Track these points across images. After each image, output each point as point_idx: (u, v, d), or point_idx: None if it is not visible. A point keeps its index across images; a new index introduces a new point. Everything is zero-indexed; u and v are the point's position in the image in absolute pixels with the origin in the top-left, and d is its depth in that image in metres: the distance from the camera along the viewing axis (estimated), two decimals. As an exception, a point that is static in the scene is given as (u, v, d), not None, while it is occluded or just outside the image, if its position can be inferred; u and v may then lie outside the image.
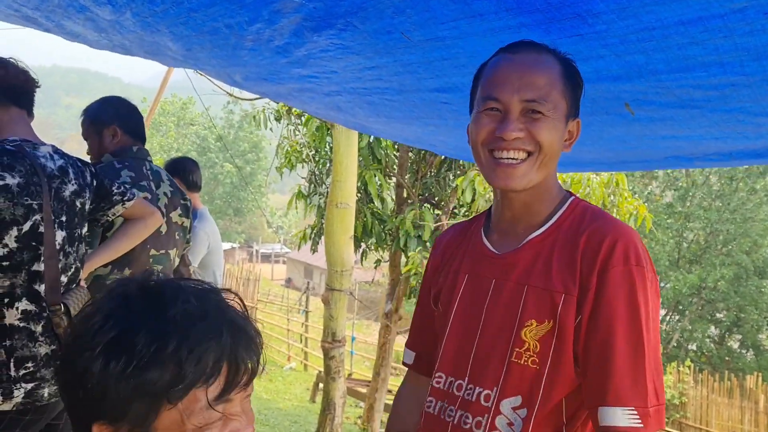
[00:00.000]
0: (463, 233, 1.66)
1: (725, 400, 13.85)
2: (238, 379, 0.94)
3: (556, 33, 1.49)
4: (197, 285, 0.98)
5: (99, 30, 2.13)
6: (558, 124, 1.39)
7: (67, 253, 2.23)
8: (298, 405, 10.24)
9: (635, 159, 2.85)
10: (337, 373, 6.07)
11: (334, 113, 3.02)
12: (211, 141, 44.58)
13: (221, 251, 4.42)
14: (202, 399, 0.89)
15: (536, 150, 1.38)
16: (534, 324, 1.38)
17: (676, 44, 1.40)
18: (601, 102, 1.92)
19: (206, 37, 2.01)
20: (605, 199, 8.02)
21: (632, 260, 1.32)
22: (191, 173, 4.11)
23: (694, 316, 23.23)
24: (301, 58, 2.04)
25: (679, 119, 1.96)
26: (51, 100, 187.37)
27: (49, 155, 2.25)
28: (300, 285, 27.36)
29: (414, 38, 1.69)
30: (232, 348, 0.92)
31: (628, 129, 2.23)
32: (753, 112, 1.76)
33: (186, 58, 2.40)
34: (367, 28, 1.69)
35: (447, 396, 1.49)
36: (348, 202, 5.88)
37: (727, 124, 1.93)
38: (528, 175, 1.39)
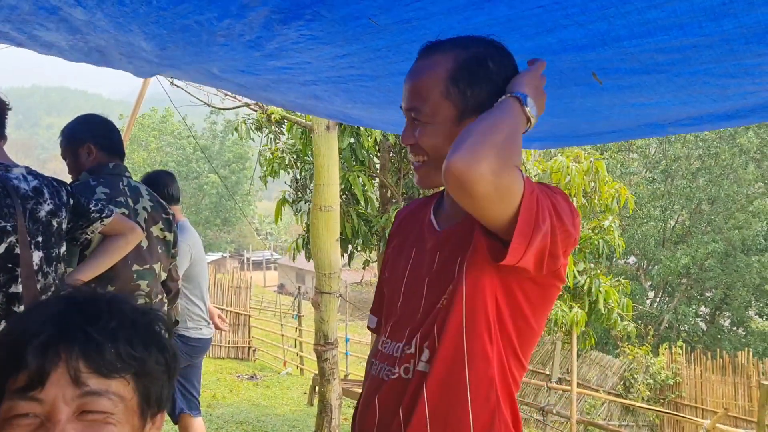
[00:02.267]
0: (420, 208, 1.71)
1: (718, 377, 14.00)
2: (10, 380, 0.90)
3: (518, 6, 1.49)
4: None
5: (73, 31, 2.10)
6: (440, 127, 1.42)
7: (46, 273, 2.23)
8: (296, 409, 10.24)
9: (610, 129, 2.85)
10: (331, 375, 6.09)
11: (313, 102, 3.01)
12: (193, 152, 44.39)
13: (205, 262, 4.42)
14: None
15: (425, 156, 1.46)
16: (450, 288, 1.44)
17: (636, 9, 1.41)
18: (569, 73, 1.93)
19: (178, 35, 2.00)
20: (586, 185, 8.10)
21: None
22: (166, 186, 4.08)
23: (683, 296, 23.38)
24: (273, 50, 2.03)
25: (646, 85, 1.97)
26: (32, 121, 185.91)
27: (23, 176, 2.25)
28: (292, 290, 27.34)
29: (381, 22, 1.70)
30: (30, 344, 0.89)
31: (598, 99, 2.24)
32: (715, 73, 1.78)
33: (161, 59, 2.41)
34: (335, 16, 1.70)
35: (388, 358, 1.54)
36: (332, 205, 5.90)
37: (693, 87, 1.93)
38: (428, 177, 1.47)
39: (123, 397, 0.92)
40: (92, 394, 0.89)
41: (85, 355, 0.89)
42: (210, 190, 44.89)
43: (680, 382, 14.59)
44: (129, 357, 0.92)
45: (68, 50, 2.34)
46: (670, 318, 22.93)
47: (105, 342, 0.90)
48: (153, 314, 1.03)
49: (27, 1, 1.77)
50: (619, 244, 8.83)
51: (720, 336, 23.02)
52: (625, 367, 15.04)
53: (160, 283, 3.09)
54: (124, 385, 0.92)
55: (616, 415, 14.40)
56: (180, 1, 1.72)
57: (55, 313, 0.93)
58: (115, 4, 1.77)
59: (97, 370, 0.89)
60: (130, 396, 0.94)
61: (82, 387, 0.88)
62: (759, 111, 2.26)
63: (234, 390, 11.14)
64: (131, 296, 2.82)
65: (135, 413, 0.95)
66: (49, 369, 0.87)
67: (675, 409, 13.98)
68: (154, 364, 0.97)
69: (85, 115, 3.08)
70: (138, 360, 0.94)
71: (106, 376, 0.90)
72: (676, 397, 14.52)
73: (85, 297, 0.99)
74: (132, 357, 0.93)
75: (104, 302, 0.97)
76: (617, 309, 8.56)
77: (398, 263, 1.64)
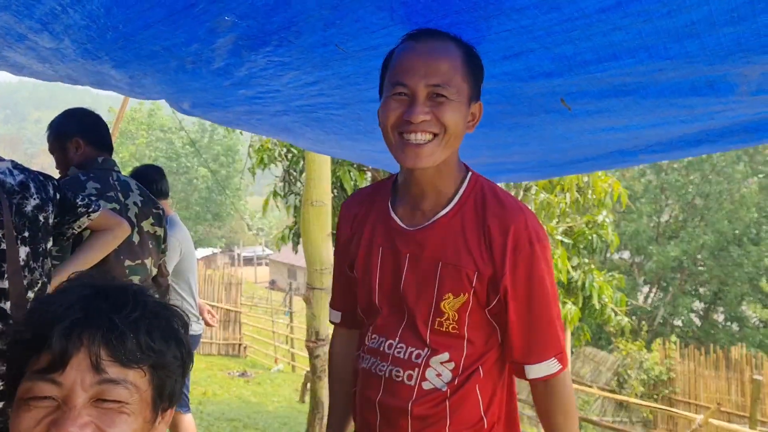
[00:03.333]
0: (368, 202, 1.80)
1: (712, 372, 14.04)
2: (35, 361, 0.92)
3: (485, 30, 1.52)
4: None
5: (42, 60, 2.09)
6: (461, 106, 1.51)
7: (32, 269, 2.18)
8: (288, 406, 10.20)
9: (582, 157, 2.86)
10: (323, 371, 6.04)
11: (284, 135, 3.01)
12: (182, 146, 44.20)
13: (194, 257, 4.36)
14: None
15: (441, 131, 1.50)
16: (451, 297, 1.58)
17: (600, 32, 1.43)
18: (538, 100, 1.96)
19: (146, 62, 1.99)
20: (579, 180, 8.07)
21: (534, 240, 1.54)
22: (155, 182, 4.04)
23: (677, 291, 23.48)
24: (242, 78, 2.04)
25: (614, 109, 2.01)
26: (19, 116, 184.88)
27: (9, 171, 2.19)
28: (284, 286, 27.30)
29: (349, 49, 1.71)
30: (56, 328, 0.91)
31: (568, 125, 2.26)
32: (682, 92, 1.79)
33: (132, 86, 2.37)
34: (302, 43, 1.71)
35: (379, 353, 1.68)
36: (323, 199, 5.84)
37: (660, 108, 1.97)
38: (434, 155, 1.51)
39: (139, 388, 0.94)
40: (110, 382, 0.91)
41: (107, 342, 0.91)
42: (200, 184, 44.76)
43: (674, 377, 14.64)
44: (149, 348, 0.95)
45: (41, 72, 2.29)
46: (664, 313, 23.03)
47: (127, 331, 0.93)
48: (173, 310, 1.05)
49: None
50: (613, 239, 8.81)
51: (713, 331, 23.15)
52: (618, 363, 15.08)
53: (151, 279, 3.05)
54: (141, 375, 0.95)
55: (609, 411, 14.42)
56: (147, 27, 1.72)
57: (82, 297, 0.95)
58: (82, 30, 1.78)
59: (117, 358, 0.92)
60: (146, 387, 0.95)
61: (102, 374, 0.90)
62: (726, 136, 2.34)
63: (225, 387, 11.08)
64: None
65: (148, 405, 0.96)
66: (71, 352, 0.89)
67: (668, 405, 13.99)
68: (171, 358, 0.99)
69: (73, 108, 3.03)
70: (157, 352, 0.96)
71: (125, 365, 0.93)
72: (669, 393, 14.56)
73: (112, 285, 1.01)
74: (151, 349, 0.95)
75: (130, 292, 0.99)
76: (611, 304, 8.54)
77: (369, 263, 1.72)
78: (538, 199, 8.13)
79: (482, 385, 1.62)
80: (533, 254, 1.54)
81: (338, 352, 1.98)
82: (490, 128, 2.36)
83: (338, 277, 1.93)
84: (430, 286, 1.60)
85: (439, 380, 1.60)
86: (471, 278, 1.56)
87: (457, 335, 1.60)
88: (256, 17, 1.59)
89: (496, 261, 1.55)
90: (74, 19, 1.68)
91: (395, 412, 1.64)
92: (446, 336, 1.60)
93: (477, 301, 1.57)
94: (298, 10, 1.53)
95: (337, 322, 1.97)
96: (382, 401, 1.66)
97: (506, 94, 1.94)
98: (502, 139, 2.57)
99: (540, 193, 8.17)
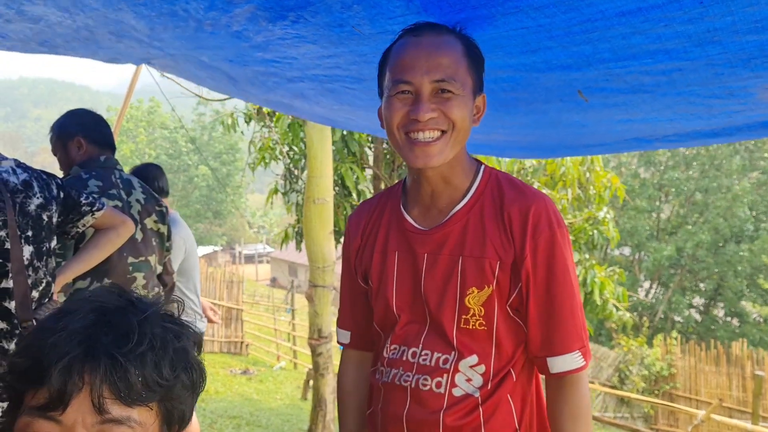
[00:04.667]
0: (378, 210, 1.74)
1: (713, 368, 14.04)
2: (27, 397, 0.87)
3: (502, 27, 1.50)
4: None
5: (61, 9, 2.07)
6: (467, 100, 1.46)
7: (36, 268, 2.18)
8: (290, 404, 10.20)
9: (596, 142, 2.85)
10: (325, 369, 6.05)
11: (299, 102, 2.99)
12: (182, 144, 44.16)
13: (197, 255, 4.36)
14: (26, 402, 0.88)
15: (450, 128, 1.45)
16: (475, 291, 1.51)
17: (620, 34, 1.41)
18: (555, 90, 1.94)
19: (166, 18, 1.98)
20: (581, 176, 8.06)
21: (554, 224, 1.49)
22: (156, 179, 4.03)
23: (677, 287, 23.47)
24: (260, 43, 2.02)
25: (632, 104, 1.98)
26: (19, 113, 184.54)
27: (12, 170, 2.19)
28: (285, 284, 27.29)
29: (365, 32, 1.69)
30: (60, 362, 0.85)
31: (584, 115, 2.25)
32: (702, 94, 1.78)
33: (151, 40, 2.36)
34: (318, 21, 1.68)
35: (402, 364, 1.60)
36: (325, 197, 5.84)
37: (679, 106, 1.95)
38: (444, 152, 1.47)
39: (144, 424, 0.89)
40: (113, 422, 0.86)
41: (109, 381, 0.86)
42: (200, 182, 44.71)
43: (675, 373, 14.64)
44: (155, 384, 0.89)
45: (57, 24, 2.27)
46: (665, 309, 23.02)
47: (131, 368, 0.87)
48: (184, 331, 0.98)
49: None
50: (614, 235, 8.80)
51: (714, 327, 23.14)
52: (620, 359, 15.08)
53: (156, 276, 3.06)
54: (147, 410, 0.90)
55: (611, 406, 14.43)
56: None
57: (83, 328, 0.88)
58: None
59: (120, 398, 0.86)
60: (152, 421, 0.91)
61: (104, 414, 0.86)
62: (745, 130, 2.33)
63: (227, 385, 11.09)
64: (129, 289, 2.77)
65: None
66: (71, 392, 0.84)
67: (670, 400, 14.00)
68: (180, 388, 0.93)
69: (75, 109, 3.06)
70: (164, 386, 0.90)
71: (129, 405, 0.87)
72: (670, 389, 14.57)
73: (116, 308, 0.93)
74: (158, 384, 0.89)
75: (136, 318, 0.92)
76: (612, 299, 8.54)
77: (385, 269, 1.66)
78: (539, 196, 8.13)
79: (514, 390, 1.55)
80: (553, 237, 1.48)
81: (349, 379, 1.85)
82: (506, 113, 2.34)
83: (348, 293, 1.83)
84: (452, 283, 1.53)
85: (470, 386, 1.52)
86: (494, 268, 1.50)
87: (484, 333, 1.52)
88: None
89: (516, 245, 1.49)
90: None
91: (426, 425, 1.54)
92: (473, 335, 1.52)
93: (500, 293, 1.50)
94: None
95: (347, 343, 1.85)
96: (411, 414, 1.56)
97: (523, 84, 1.91)
98: (517, 122, 2.55)
99: (542, 189, 8.16)
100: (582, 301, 1.56)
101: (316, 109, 3.16)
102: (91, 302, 0.94)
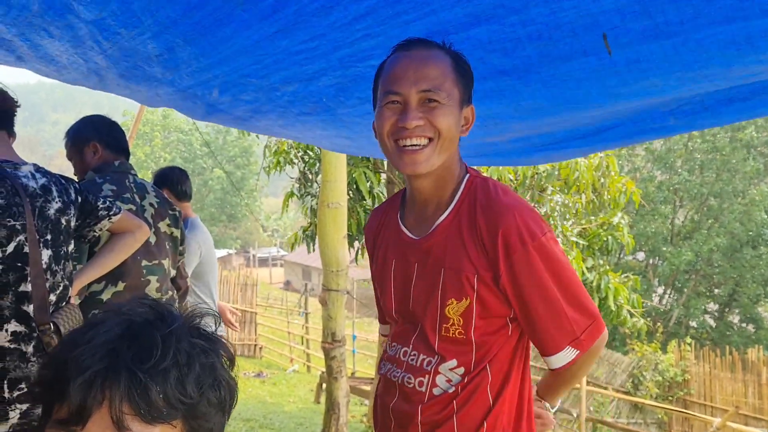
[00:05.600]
0: (383, 217, 1.87)
1: (728, 374, 13.92)
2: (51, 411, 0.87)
3: None
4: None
5: (76, 44, 2.08)
6: (453, 110, 1.55)
7: (54, 272, 2.21)
8: (303, 407, 10.23)
9: (612, 123, 2.78)
10: (339, 372, 6.07)
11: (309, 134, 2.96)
12: (197, 147, 44.39)
13: (215, 260, 4.38)
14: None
15: (436, 136, 1.54)
16: (454, 302, 1.60)
17: None
18: (581, 35, 1.85)
19: (196, 13, 1.96)
20: (595, 182, 8.03)
21: (526, 237, 1.52)
22: (180, 183, 4.07)
23: (691, 292, 23.29)
24: (290, 19, 1.98)
25: (654, 59, 1.91)
26: (37, 117, 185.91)
27: (31, 174, 2.23)
28: (299, 287, 27.32)
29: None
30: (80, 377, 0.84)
31: (604, 82, 2.16)
32: (722, 40, 1.70)
33: (165, 69, 2.36)
34: None
35: (395, 360, 1.75)
36: (339, 201, 5.87)
37: (698, 63, 1.88)
38: (431, 159, 1.55)
39: None
40: None
41: (129, 397, 0.83)
42: (215, 185, 44.90)
43: (689, 379, 14.51)
44: (177, 401, 0.86)
45: (68, 67, 2.30)
46: (679, 314, 22.85)
47: (152, 384, 0.84)
48: (214, 347, 0.95)
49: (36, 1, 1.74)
50: (629, 241, 8.76)
51: (729, 332, 22.93)
52: (634, 365, 14.98)
53: (169, 280, 3.09)
54: (170, 428, 0.87)
55: (624, 412, 14.33)
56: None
57: (107, 342, 0.87)
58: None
59: (141, 415, 0.84)
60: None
61: (124, 430, 0.83)
62: (759, 93, 2.22)
63: (241, 387, 10.87)
64: (143, 293, 2.81)
65: None
66: (91, 408, 0.83)
67: (684, 407, 13.89)
68: (206, 406, 0.90)
69: (89, 115, 3.11)
70: (188, 404, 0.87)
71: (150, 422, 0.85)
72: (685, 395, 14.44)
73: (143, 322, 0.90)
74: (181, 401, 0.86)
75: (161, 332, 0.89)
76: (626, 306, 8.49)
77: (384, 276, 1.79)
78: (554, 200, 8.10)
79: (491, 383, 1.64)
80: (528, 254, 1.52)
81: None
82: (525, 83, 2.30)
83: (377, 290, 1.96)
84: (434, 294, 1.63)
85: (449, 384, 1.64)
86: (472, 281, 1.57)
87: (463, 341, 1.62)
88: None
89: (492, 263, 1.56)
90: None
91: (407, 416, 1.69)
92: (453, 342, 1.63)
93: (482, 304, 1.58)
94: None
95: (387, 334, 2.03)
96: (395, 407, 1.73)
97: (551, 26, 1.84)
98: (533, 101, 2.49)
99: (556, 194, 8.14)
100: (575, 291, 1.60)
101: (331, 132, 3.14)
102: (119, 314, 0.92)
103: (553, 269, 1.56)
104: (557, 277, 1.56)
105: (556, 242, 1.58)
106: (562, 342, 1.59)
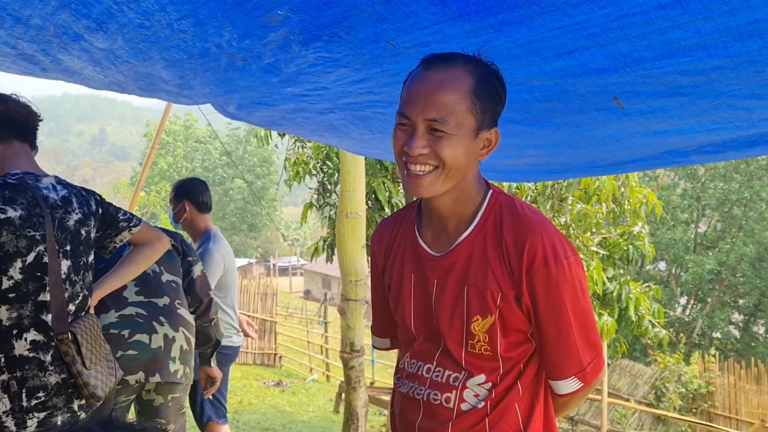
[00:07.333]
0: (396, 228, 1.82)
1: (753, 387, 13.68)
2: None
3: (538, 28, 1.49)
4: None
5: (94, 63, 2.14)
6: (462, 140, 1.49)
7: (74, 282, 2.24)
8: (322, 416, 10.22)
9: (631, 158, 2.80)
10: (357, 382, 6.05)
11: (329, 134, 3.02)
12: (217, 157, 44.76)
13: (236, 271, 4.40)
14: None
15: (441, 165, 1.50)
16: (479, 319, 1.60)
17: (658, 29, 1.40)
18: (590, 98, 1.92)
19: (197, 61, 2.02)
20: (615, 191, 7.97)
21: (551, 259, 1.51)
22: (201, 194, 4.07)
23: (715, 302, 22.99)
24: (291, 75, 2.05)
25: (669, 110, 1.94)
26: (62, 128, 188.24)
27: (52, 186, 2.26)
28: (318, 296, 27.36)
29: (399, 46, 1.70)
30: None
31: (620, 126, 2.21)
32: (741, 95, 1.74)
33: (180, 89, 2.41)
34: (353, 39, 1.70)
35: (417, 378, 1.72)
36: (358, 211, 5.87)
37: (717, 111, 1.90)
38: (434, 186, 1.52)
39: None
40: None
41: None
42: (235, 195, 45.21)
43: (713, 391, 14.30)
44: None
45: (91, 78, 2.35)
46: (703, 325, 22.56)
47: None
48: None
49: (52, 23, 1.78)
50: (649, 251, 8.68)
51: (754, 344, 22.58)
52: (656, 376, 14.79)
53: (183, 291, 3.15)
54: None
55: (647, 425, 14.15)
56: (200, 24, 1.74)
57: None
58: (136, 29, 1.80)
59: None
60: None
61: None
62: None
63: (260, 396, 11.15)
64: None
65: None
66: None
67: (708, 420, 13.68)
68: None
69: None
70: None
71: None
72: (709, 407, 14.23)
73: None
74: None
75: None
76: (648, 316, 8.40)
77: (402, 291, 1.75)
78: (574, 210, 8.05)
79: (521, 400, 1.64)
80: (549, 275, 1.52)
81: None
82: (539, 127, 2.32)
83: (381, 304, 1.94)
84: (458, 310, 1.62)
85: (477, 399, 1.63)
86: (495, 299, 1.56)
87: (490, 356, 1.61)
88: (309, 11, 1.59)
89: (515, 281, 1.55)
90: (129, 17, 1.72)
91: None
92: (480, 358, 1.62)
93: (504, 321, 1.58)
94: (351, 4, 1.53)
95: (388, 347, 2.03)
96: (422, 424, 1.70)
97: (557, 91, 1.91)
98: (550, 138, 2.52)
99: (576, 204, 8.09)
100: (589, 326, 1.61)
101: (346, 141, 3.18)
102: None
103: (571, 294, 1.55)
104: (574, 302, 1.56)
105: (580, 266, 1.57)
106: (569, 370, 1.60)
